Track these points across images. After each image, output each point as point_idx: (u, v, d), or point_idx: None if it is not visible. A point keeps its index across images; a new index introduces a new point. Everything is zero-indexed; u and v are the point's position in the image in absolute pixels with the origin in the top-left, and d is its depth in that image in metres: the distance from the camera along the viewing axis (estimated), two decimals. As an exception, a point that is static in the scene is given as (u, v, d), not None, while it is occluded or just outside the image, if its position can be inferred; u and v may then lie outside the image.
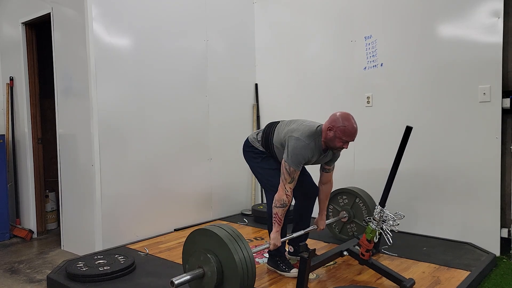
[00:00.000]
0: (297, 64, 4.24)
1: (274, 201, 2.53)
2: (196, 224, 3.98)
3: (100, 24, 3.28)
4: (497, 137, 3.10)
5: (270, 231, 2.76)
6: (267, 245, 2.55)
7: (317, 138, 2.54)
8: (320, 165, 2.81)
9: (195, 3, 3.98)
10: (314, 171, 2.88)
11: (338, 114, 2.50)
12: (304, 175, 2.85)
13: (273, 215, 2.54)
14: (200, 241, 2.21)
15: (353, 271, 2.72)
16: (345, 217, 3.25)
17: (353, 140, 2.50)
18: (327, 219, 3.21)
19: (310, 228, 2.87)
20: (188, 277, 2.08)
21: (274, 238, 2.54)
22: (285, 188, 2.50)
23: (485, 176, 3.16)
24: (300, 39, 4.21)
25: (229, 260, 2.07)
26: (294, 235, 2.77)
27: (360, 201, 3.19)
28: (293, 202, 2.89)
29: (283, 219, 2.54)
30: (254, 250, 2.34)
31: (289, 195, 2.50)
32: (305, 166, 2.89)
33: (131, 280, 2.64)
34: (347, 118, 2.46)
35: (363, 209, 3.18)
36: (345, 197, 3.29)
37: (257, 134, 2.82)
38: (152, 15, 3.62)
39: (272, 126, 2.74)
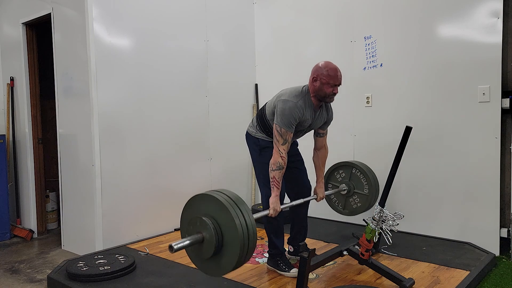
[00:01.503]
0: (297, 64, 4.24)
1: (270, 166, 2.51)
2: (196, 224, 3.99)
3: (101, 25, 3.29)
4: (496, 137, 3.10)
5: (267, 232, 2.76)
6: (267, 211, 2.51)
7: (305, 96, 2.56)
8: (313, 130, 2.80)
9: (195, 4, 3.99)
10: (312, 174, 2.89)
11: (318, 64, 2.56)
12: (300, 170, 2.85)
13: (271, 179, 2.51)
14: (198, 207, 2.15)
15: (352, 271, 2.72)
16: (344, 190, 3.25)
17: (340, 83, 2.53)
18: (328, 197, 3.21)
19: (311, 197, 2.84)
20: (187, 241, 2.03)
21: (274, 202, 2.50)
22: (279, 150, 2.50)
23: (484, 176, 3.16)
24: (300, 39, 4.21)
25: (228, 223, 2.00)
26: (294, 203, 2.70)
27: (357, 171, 3.19)
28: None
29: (281, 182, 2.52)
30: (255, 215, 2.29)
31: (284, 157, 2.49)
32: (303, 161, 2.88)
33: (132, 280, 2.65)
34: (327, 63, 2.54)
35: (361, 178, 3.17)
36: (341, 171, 3.29)
37: (252, 121, 2.83)
38: (152, 15, 3.63)
39: (263, 106, 2.76)
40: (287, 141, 2.50)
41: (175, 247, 1.95)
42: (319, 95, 2.55)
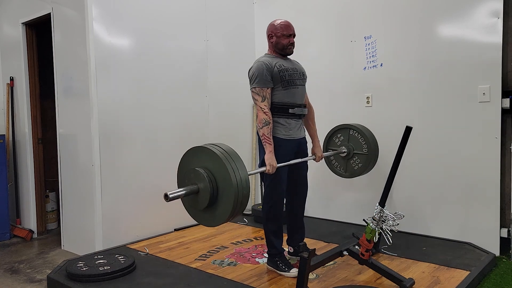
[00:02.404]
0: (297, 64, 4.23)
1: (257, 125, 2.60)
2: (196, 224, 3.98)
3: (100, 25, 3.29)
4: (496, 137, 3.10)
5: (266, 232, 2.76)
6: (263, 168, 2.52)
7: (267, 55, 2.74)
8: None
9: (195, 4, 3.99)
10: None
11: (270, 22, 2.74)
12: (303, 169, 2.84)
13: (261, 137, 2.57)
14: (194, 160, 2.17)
15: (352, 271, 2.72)
16: (344, 152, 3.25)
17: (293, 32, 2.70)
18: (330, 165, 3.22)
19: (309, 157, 2.84)
20: (183, 191, 2.05)
21: (269, 158, 2.53)
22: (261, 108, 2.58)
23: (484, 176, 3.16)
24: (300, 39, 4.17)
25: (222, 174, 2.03)
26: (291, 162, 2.68)
27: (355, 132, 3.21)
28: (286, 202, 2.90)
29: (271, 138, 2.57)
30: (250, 172, 2.29)
31: (267, 112, 2.57)
32: (307, 165, 2.88)
33: (131, 280, 2.65)
34: (278, 19, 2.73)
35: (359, 138, 3.19)
36: (339, 134, 3.32)
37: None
38: (152, 15, 3.62)
39: None
40: (265, 98, 2.59)
41: (170, 196, 1.98)
42: (278, 49, 2.71)
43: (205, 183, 2.05)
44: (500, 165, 3.11)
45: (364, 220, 2.59)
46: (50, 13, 3.62)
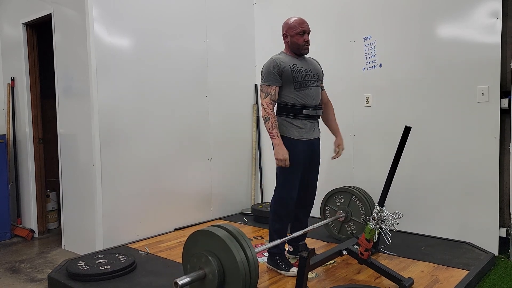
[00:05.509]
0: (297, 64, 4.24)
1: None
2: (196, 223, 4.00)
3: (101, 25, 3.30)
4: (495, 137, 3.11)
5: (270, 230, 2.78)
6: (273, 243, 2.59)
7: (281, 53, 2.73)
8: None
9: (195, 4, 4.00)
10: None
11: (284, 21, 2.73)
12: (309, 183, 2.85)
13: (268, 131, 2.61)
14: (201, 242, 2.21)
15: (352, 270, 2.73)
16: (342, 216, 3.26)
17: (308, 29, 2.67)
18: (324, 218, 3.23)
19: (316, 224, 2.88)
20: (188, 279, 2.10)
21: (277, 151, 2.57)
22: (262, 104, 2.62)
23: (483, 175, 3.17)
24: (300, 39, 4.21)
25: (230, 261, 2.07)
26: (294, 234, 2.77)
27: (357, 199, 3.21)
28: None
29: (274, 130, 2.58)
30: (258, 249, 2.32)
31: (266, 108, 2.60)
32: (314, 166, 2.87)
33: (132, 280, 2.66)
34: (291, 17, 2.71)
35: (359, 206, 3.19)
36: (341, 196, 3.30)
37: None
38: (153, 15, 3.63)
39: None
40: (268, 94, 2.63)
41: (180, 283, 2.04)
42: (294, 49, 2.70)
43: (212, 268, 2.11)
44: (498, 165, 3.12)
45: (363, 219, 2.60)
46: (50, 14, 3.63)
